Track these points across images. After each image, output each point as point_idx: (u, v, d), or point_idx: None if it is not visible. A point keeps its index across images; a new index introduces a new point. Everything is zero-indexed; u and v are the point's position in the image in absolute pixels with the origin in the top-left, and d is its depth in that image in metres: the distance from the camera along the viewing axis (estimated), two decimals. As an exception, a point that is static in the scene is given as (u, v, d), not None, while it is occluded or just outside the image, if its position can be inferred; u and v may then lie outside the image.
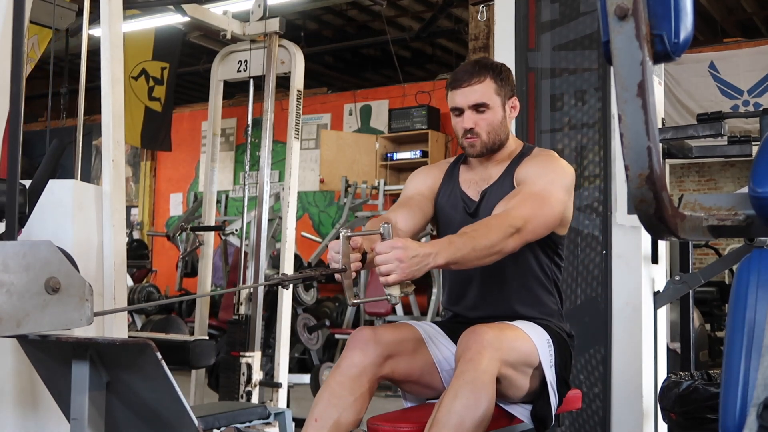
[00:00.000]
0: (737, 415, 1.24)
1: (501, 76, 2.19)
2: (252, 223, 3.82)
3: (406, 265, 1.76)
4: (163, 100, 8.50)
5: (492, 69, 2.19)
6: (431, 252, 1.80)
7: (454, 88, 2.19)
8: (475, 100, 2.16)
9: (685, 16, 0.88)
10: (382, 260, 1.77)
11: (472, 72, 2.17)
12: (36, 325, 1.26)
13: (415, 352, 2.10)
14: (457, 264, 1.88)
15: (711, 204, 1.16)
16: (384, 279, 1.79)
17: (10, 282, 1.22)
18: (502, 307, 2.21)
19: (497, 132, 2.20)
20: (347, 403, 1.96)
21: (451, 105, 2.21)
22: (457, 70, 2.23)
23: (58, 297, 1.29)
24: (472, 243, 1.87)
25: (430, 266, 1.81)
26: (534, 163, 2.19)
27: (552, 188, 2.09)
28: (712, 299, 6.81)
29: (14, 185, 1.30)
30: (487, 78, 2.17)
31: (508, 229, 1.92)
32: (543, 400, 2.07)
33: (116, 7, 2.59)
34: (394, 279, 1.78)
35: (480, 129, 2.18)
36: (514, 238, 1.93)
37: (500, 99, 2.19)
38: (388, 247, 1.78)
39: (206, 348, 3.17)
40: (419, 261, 1.78)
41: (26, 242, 1.26)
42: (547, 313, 2.22)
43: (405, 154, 8.46)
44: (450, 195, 2.31)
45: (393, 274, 1.77)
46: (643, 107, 0.88)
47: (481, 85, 2.16)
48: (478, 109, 2.17)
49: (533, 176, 2.13)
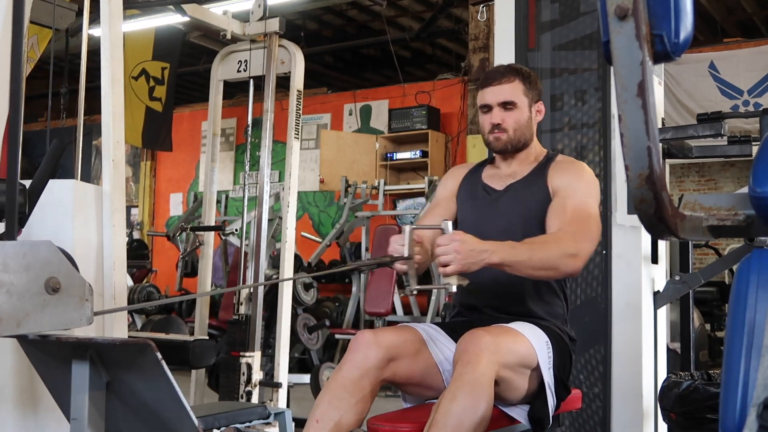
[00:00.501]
0: (737, 415, 1.24)
1: (529, 80, 2.32)
2: (252, 223, 3.82)
3: (463, 256, 1.92)
4: (164, 100, 8.50)
5: (521, 72, 2.31)
6: (488, 249, 1.96)
7: (485, 87, 2.31)
8: (504, 97, 2.28)
9: (685, 16, 0.88)
10: (442, 251, 1.93)
11: (503, 72, 2.30)
12: (36, 325, 1.26)
13: (416, 354, 2.11)
14: (511, 267, 2.00)
15: (711, 204, 1.16)
16: (443, 269, 1.94)
17: (10, 282, 1.22)
18: (514, 301, 2.24)
19: (522, 130, 2.31)
20: (349, 405, 1.97)
21: (481, 102, 2.32)
22: (487, 71, 2.38)
23: (58, 297, 1.29)
24: (530, 253, 2.01)
25: (485, 262, 1.95)
26: (569, 173, 2.28)
27: (591, 203, 2.21)
28: (712, 299, 6.81)
29: (14, 185, 1.30)
30: (517, 79, 2.29)
31: (567, 250, 2.05)
32: (540, 401, 2.08)
33: (116, 7, 2.59)
34: (452, 269, 1.92)
35: (507, 125, 2.29)
36: (574, 260, 2.06)
37: (527, 100, 2.31)
38: (448, 240, 1.94)
39: (206, 348, 3.17)
40: (476, 255, 1.93)
41: (26, 242, 1.26)
42: (553, 314, 2.25)
43: (405, 154, 8.46)
44: (471, 186, 2.42)
45: (451, 264, 1.92)
46: (643, 107, 0.88)
47: (510, 84, 2.28)
48: (506, 107, 2.29)
49: (572, 189, 2.22)
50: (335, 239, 7.29)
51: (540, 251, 2.02)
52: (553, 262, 2.03)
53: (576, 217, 2.15)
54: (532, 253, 2.01)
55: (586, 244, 2.11)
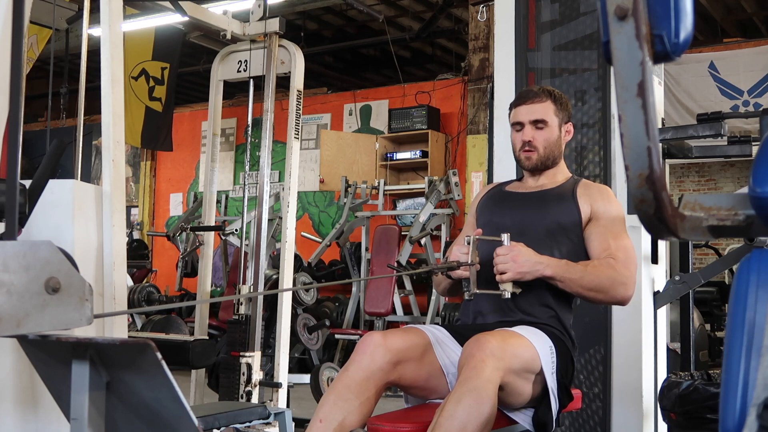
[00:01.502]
0: (737, 415, 1.24)
1: (561, 102, 2.41)
2: (252, 223, 3.82)
3: (518, 265, 2.10)
4: (164, 99, 8.50)
5: (553, 94, 2.41)
6: (543, 261, 2.14)
7: (518, 105, 2.41)
8: (535, 116, 2.37)
9: (685, 16, 0.88)
10: (501, 260, 2.12)
11: (536, 92, 2.40)
12: (36, 325, 1.26)
13: (422, 357, 2.12)
14: (562, 283, 2.16)
15: (711, 204, 1.16)
16: (499, 277, 2.12)
17: (10, 282, 1.22)
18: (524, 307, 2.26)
19: (552, 149, 2.39)
20: (353, 406, 1.97)
21: (513, 120, 2.41)
22: (521, 92, 2.49)
23: (58, 297, 1.29)
24: (582, 273, 2.16)
25: (539, 273, 2.13)
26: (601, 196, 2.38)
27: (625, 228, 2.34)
28: (712, 299, 6.81)
29: (14, 185, 1.30)
30: (548, 100, 2.39)
31: (620, 278, 2.18)
32: (545, 405, 2.09)
33: (116, 7, 2.59)
34: (509, 277, 2.11)
35: (537, 143, 2.38)
36: (625, 288, 2.19)
37: (558, 120, 2.39)
38: (507, 250, 2.12)
39: (206, 348, 3.17)
40: (531, 265, 2.12)
41: (26, 242, 1.26)
42: (560, 319, 2.27)
43: (405, 154, 8.46)
44: (494, 195, 2.52)
45: (508, 272, 2.11)
46: (643, 107, 0.88)
47: (542, 104, 2.38)
48: (537, 125, 2.37)
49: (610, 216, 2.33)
50: (335, 239, 7.30)
51: (593, 273, 2.16)
52: (604, 285, 2.16)
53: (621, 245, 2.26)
54: (585, 274, 2.15)
55: (633, 273, 2.23)
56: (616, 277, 2.17)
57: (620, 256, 2.23)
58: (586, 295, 2.20)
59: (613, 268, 2.18)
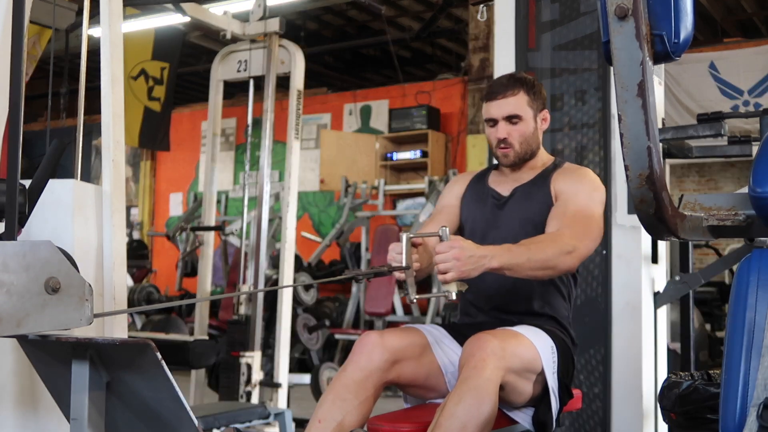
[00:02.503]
0: (737, 415, 1.24)
1: (533, 90, 2.29)
2: (252, 223, 3.82)
3: (462, 263, 1.88)
4: (163, 99, 8.48)
5: (525, 83, 2.29)
6: (487, 254, 1.93)
7: (489, 100, 2.29)
8: (508, 111, 2.26)
9: (685, 16, 0.88)
10: (441, 259, 1.89)
11: (507, 85, 2.27)
12: (36, 325, 1.26)
13: (421, 356, 2.11)
14: (511, 270, 1.99)
15: (711, 204, 1.16)
16: (442, 277, 1.90)
17: (10, 282, 1.22)
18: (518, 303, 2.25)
19: (529, 142, 2.30)
20: (352, 406, 1.97)
21: (486, 116, 2.31)
22: (492, 83, 2.34)
23: (58, 297, 1.28)
24: (528, 254, 1.99)
25: (485, 267, 1.93)
26: (572, 177, 2.28)
27: (593, 205, 2.20)
28: (712, 299, 6.80)
29: (14, 185, 1.30)
30: (521, 91, 2.27)
31: (565, 248, 2.04)
32: (545, 405, 2.08)
33: (116, 7, 2.59)
34: (452, 276, 1.89)
35: (513, 139, 2.28)
36: (571, 257, 2.05)
37: (532, 111, 2.29)
38: (447, 247, 1.89)
39: (206, 348, 3.17)
40: (475, 261, 1.90)
41: (26, 242, 1.26)
42: (558, 316, 2.25)
43: (405, 154, 8.46)
44: (477, 192, 2.42)
45: (451, 272, 1.88)
46: (643, 107, 0.88)
47: (515, 97, 2.26)
48: (511, 120, 2.27)
49: (574, 192, 2.22)
50: (335, 239, 7.30)
51: (538, 252, 2.01)
52: (551, 261, 2.02)
53: (575, 217, 2.15)
54: (530, 254, 1.99)
55: (584, 241, 2.10)
56: (561, 247, 2.03)
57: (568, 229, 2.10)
58: (537, 275, 2.06)
59: (557, 239, 2.06)
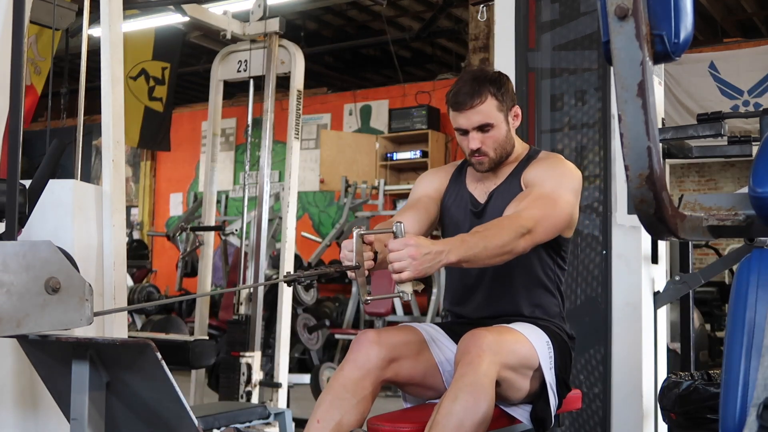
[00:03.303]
0: (737, 415, 1.24)
1: (501, 91, 2.17)
2: (252, 223, 3.82)
3: (419, 262, 1.77)
4: (164, 99, 8.47)
5: (491, 83, 2.17)
6: (443, 249, 1.81)
7: (456, 111, 2.17)
8: (478, 121, 2.16)
9: (685, 16, 0.88)
10: (396, 257, 1.78)
11: (473, 93, 2.14)
12: (36, 325, 1.26)
13: (418, 354, 2.11)
14: (469, 262, 1.89)
15: (711, 204, 1.16)
16: (397, 276, 1.79)
17: (10, 282, 1.22)
18: (507, 307, 2.22)
19: (503, 146, 2.22)
20: (350, 406, 1.96)
21: (455, 125, 2.21)
22: (456, 90, 2.18)
23: (58, 297, 1.29)
24: (484, 242, 1.88)
25: (442, 263, 1.83)
26: (542, 165, 2.21)
27: (560, 190, 2.10)
28: (712, 299, 6.81)
29: (14, 185, 1.30)
30: (488, 96, 2.15)
31: (519, 230, 1.93)
32: (543, 401, 2.08)
33: (116, 7, 2.59)
34: (407, 276, 1.78)
35: (487, 147, 2.19)
36: (525, 239, 1.95)
37: (503, 114, 2.19)
38: (401, 245, 1.78)
39: (206, 348, 3.17)
40: (431, 258, 1.79)
41: (26, 242, 1.26)
42: (549, 314, 2.23)
43: (405, 154, 8.46)
44: (456, 196, 2.33)
45: (406, 271, 1.78)
46: (643, 107, 0.88)
47: (483, 105, 2.14)
48: (483, 129, 2.17)
49: (542, 178, 2.14)
50: (335, 239, 7.30)
51: (493, 237, 1.90)
52: (507, 246, 1.91)
53: (536, 200, 2.05)
54: (487, 242, 1.89)
55: (542, 222, 1.99)
56: (516, 230, 1.93)
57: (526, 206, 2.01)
58: (495, 262, 1.95)
59: (512, 222, 1.96)
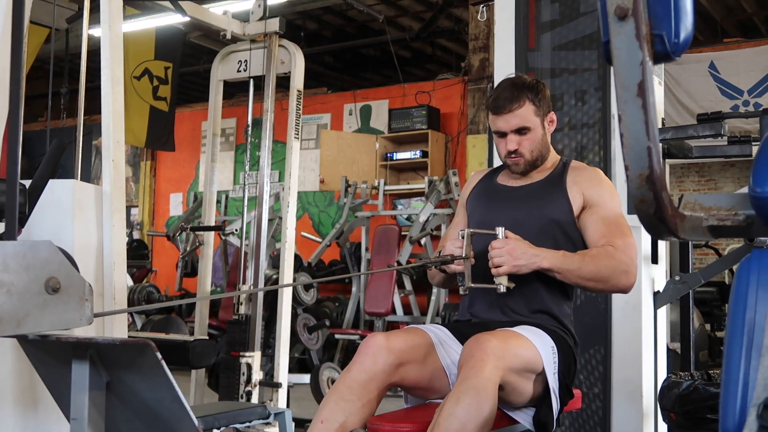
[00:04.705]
0: (737, 415, 1.24)
1: (538, 96, 2.29)
2: (252, 223, 3.82)
3: (515, 258, 2.07)
4: (169, 99, 8.46)
5: (529, 89, 2.28)
6: (539, 254, 2.09)
7: (496, 114, 2.29)
8: (516, 124, 2.27)
9: (685, 16, 0.88)
10: (496, 254, 2.08)
11: (511, 98, 2.26)
12: (36, 325, 1.26)
13: (425, 358, 2.11)
14: (560, 274, 2.12)
15: (711, 204, 1.16)
16: (495, 270, 2.09)
17: (10, 282, 1.22)
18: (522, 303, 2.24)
19: (539, 149, 2.33)
20: (355, 408, 1.96)
21: (494, 128, 2.33)
22: (496, 95, 2.31)
23: (58, 297, 1.29)
24: (581, 264, 2.12)
25: (536, 265, 2.09)
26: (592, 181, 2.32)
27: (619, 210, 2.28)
28: (712, 299, 6.80)
29: (14, 185, 1.30)
30: (526, 101, 2.27)
31: (620, 266, 2.14)
32: (546, 405, 2.08)
33: (116, 7, 2.59)
34: (504, 270, 2.08)
35: (523, 149, 2.31)
36: (627, 276, 2.15)
37: (539, 119, 2.30)
38: (502, 243, 2.09)
39: (206, 348, 3.17)
40: (528, 258, 2.08)
41: (26, 242, 1.26)
42: (561, 315, 2.26)
43: (405, 154, 8.46)
44: (485, 186, 2.46)
45: (504, 265, 2.07)
46: (643, 107, 0.88)
47: (522, 109, 2.26)
48: (520, 132, 2.29)
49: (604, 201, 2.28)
50: (335, 239, 7.30)
51: (592, 263, 2.11)
52: (603, 275, 2.11)
53: (617, 230, 2.21)
54: (583, 264, 2.11)
55: (634, 259, 2.17)
56: (616, 265, 2.12)
57: (618, 242, 2.17)
58: (586, 285, 2.17)
59: (612, 256, 2.13)
